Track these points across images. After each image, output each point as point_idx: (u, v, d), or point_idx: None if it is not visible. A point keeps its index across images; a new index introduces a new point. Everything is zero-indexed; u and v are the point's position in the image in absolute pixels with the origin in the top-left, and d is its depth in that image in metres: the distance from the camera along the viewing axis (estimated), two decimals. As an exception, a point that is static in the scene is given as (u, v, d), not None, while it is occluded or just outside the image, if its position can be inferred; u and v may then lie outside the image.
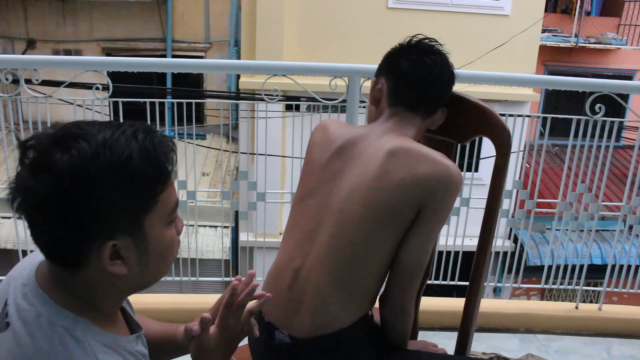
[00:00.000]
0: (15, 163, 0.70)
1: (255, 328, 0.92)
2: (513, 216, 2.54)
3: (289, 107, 4.84)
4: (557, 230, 2.66)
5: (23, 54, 8.16)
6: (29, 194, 0.67)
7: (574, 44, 9.69)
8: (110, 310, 0.79)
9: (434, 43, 1.21)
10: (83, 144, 0.67)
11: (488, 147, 1.59)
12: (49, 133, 0.70)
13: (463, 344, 1.32)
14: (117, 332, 0.79)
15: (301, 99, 4.42)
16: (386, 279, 1.16)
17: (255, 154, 2.85)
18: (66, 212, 0.67)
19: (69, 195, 0.66)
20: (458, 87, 1.27)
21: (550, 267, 2.60)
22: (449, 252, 2.61)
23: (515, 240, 4.78)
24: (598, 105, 2.22)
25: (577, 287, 2.57)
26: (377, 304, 1.20)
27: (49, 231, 0.69)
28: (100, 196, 0.67)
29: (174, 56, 8.44)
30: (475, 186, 2.47)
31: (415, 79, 1.17)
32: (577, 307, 2.58)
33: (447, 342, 1.37)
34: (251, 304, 0.91)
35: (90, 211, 0.67)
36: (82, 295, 0.74)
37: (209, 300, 1.12)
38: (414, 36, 1.22)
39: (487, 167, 3.50)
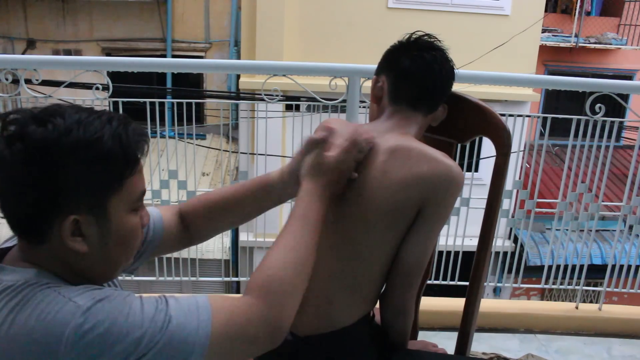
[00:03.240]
0: None
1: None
2: (513, 216, 2.54)
3: (289, 107, 4.83)
4: (557, 230, 2.66)
5: (23, 54, 8.17)
6: (2, 162, 0.70)
7: (574, 44, 9.69)
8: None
9: (433, 39, 1.21)
10: (59, 120, 0.71)
11: (488, 147, 1.58)
12: (31, 109, 0.73)
13: (463, 344, 1.32)
14: None
15: (301, 99, 4.41)
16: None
17: (255, 154, 2.85)
18: (34, 181, 0.70)
19: (37, 164, 0.69)
20: (458, 87, 1.26)
21: (550, 267, 2.60)
22: (449, 252, 2.61)
23: (515, 240, 4.77)
24: (598, 105, 2.23)
25: (577, 287, 2.57)
26: (377, 304, 1.19)
27: (17, 199, 0.72)
28: (67, 170, 0.70)
29: (174, 56, 8.44)
30: (475, 186, 2.47)
31: (416, 75, 1.17)
32: (577, 307, 2.58)
33: (447, 342, 1.37)
34: None
35: (56, 182, 0.70)
36: (45, 267, 0.75)
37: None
38: (413, 33, 1.22)
39: (487, 167, 3.51)
